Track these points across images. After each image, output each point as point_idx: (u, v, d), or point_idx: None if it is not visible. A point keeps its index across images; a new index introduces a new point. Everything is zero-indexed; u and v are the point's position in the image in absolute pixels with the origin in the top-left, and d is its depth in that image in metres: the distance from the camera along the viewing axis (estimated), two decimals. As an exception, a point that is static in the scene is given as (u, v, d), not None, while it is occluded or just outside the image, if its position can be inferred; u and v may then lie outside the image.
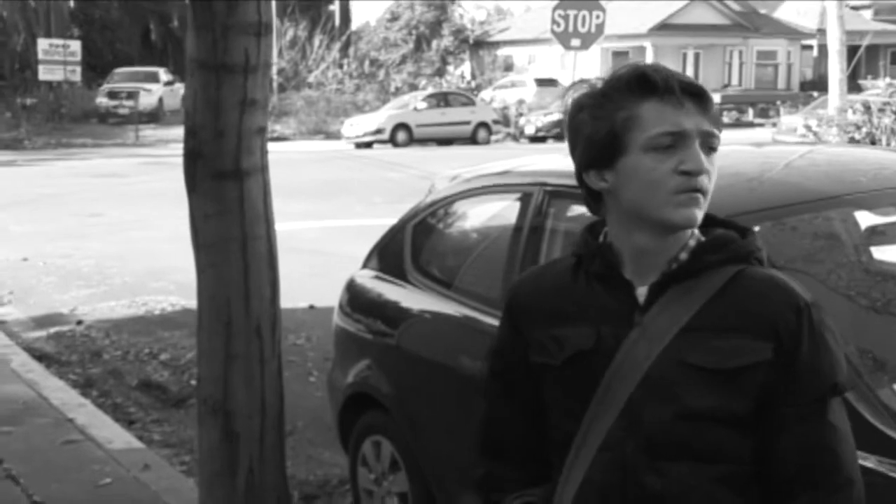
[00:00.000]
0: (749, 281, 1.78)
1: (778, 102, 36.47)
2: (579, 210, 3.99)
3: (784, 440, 1.74)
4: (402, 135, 30.73)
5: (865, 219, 3.41)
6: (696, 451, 1.74)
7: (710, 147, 1.76)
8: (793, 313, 1.75)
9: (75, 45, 33.98)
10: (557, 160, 5.05)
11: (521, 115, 33.93)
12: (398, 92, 38.25)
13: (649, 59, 42.19)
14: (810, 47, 45.49)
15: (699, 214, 1.75)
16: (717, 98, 39.43)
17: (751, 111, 38.78)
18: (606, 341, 1.79)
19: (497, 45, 46.34)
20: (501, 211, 4.35)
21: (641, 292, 1.80)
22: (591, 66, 39.15)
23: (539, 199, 3.73)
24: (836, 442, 1.76)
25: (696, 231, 1.81)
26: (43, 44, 33.86)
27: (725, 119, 38.12)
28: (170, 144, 28.62)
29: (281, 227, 4.10)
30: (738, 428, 1.74)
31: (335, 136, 32.27)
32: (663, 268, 1.79)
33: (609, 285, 1.82)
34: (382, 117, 31.15)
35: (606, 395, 1.76)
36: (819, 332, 1.76)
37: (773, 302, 1.76)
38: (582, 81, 1.89)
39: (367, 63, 42.36)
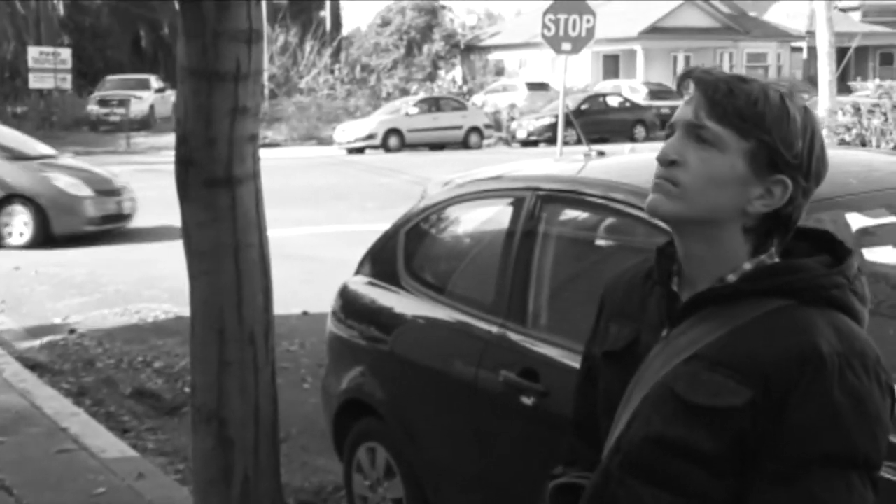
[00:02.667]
0: (781, 320, 1.59)
1: (769, 104, 36.42)
2: (572, 214, 4.01)
3: (754, 497, 1.57)
4: (394, 140, 30.74)
5: (856, 220, 3.42)
6: (659, 478, 1.64)
7: (698, 137, 1.63)
8: (795, 363, 1.54)
9: (66, 53, 33.95)
10: (549, 165, 5.07)
11: (512, 119, 33.96)
12: (390, 97, 38.28)
13: (639, 62, 42.30)
14: (800, 49, 45.63)
15: (662, 203, 1.64)
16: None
17: (742, 113, 38.81)
18: (641, 347, 1.74)
19: (488, 49, 46.39)
20: (494, 216, 4.35)
21: None
22: (582, 69, 39.23)
23: (532, 203, 3.73)
24: None
25: (765, 256, 1.66)
26: (33, 52, 33.81)
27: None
28: (161, 152, 28.57)
29: (274, 233, 4.10)
30: (707, 467, 1.60)
31: (327, 141, 32.26)
32: (709, 285, 1.67)
33: (662, 292, 1.75)
34: (374, 122, 31.15)
35: (628, 401, 1.73)
36: (828, 393, 1.52)
37: (778, 346, 1.57)
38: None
39: (358, 68, 42.38)
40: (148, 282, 10.46)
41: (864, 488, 1.54)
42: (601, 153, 4.29)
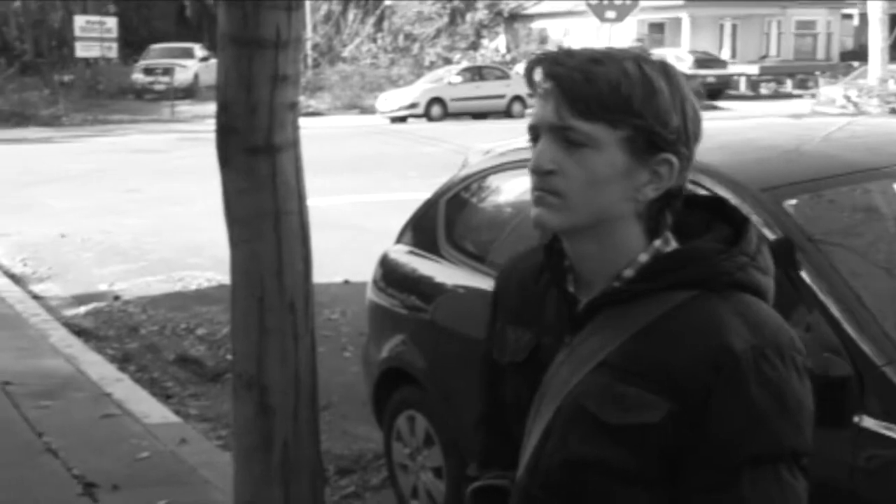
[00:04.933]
0: (688, 316, 1.48)
1: (817, 73, 35.95)
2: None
3: None
4: (437, 109, 30.66)
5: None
6: (585, 499, 1.53)
7: (567, 140, 1.48)
8: (709, 369, 1.44)
9: (112, 22, 34.10)
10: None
11: (556, 88, 33.73)
12: (432, 66, 38.13)
13: (685, 30, 41.79)
14: (851, 16, 44.83)
15: (549, 217, 1.49)
16: (754, 69, 39.22)
17: (789, 82, 38.30)
18: (544, 353, 1.60)
19: (532, 17, 46.04)
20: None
21: None
22: (627, 38, 38.84)
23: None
24: None
25: (660, 242, 1.54)
26: (80, 21, 34.01)
27: (763, 91, 37.80)
28: (205, 120, 28.71)
29: (316, 202, 4.10)
30: (635, 484, 1.49)
31: (370, 110, 32.26)
32: (605, 283, 1.54)
33: (557, 293, 1.61)
34: (417, 91, 31.08)
35: (537, 414, 1.59)
36: (746, 392, 1.43)
37: (687, 349, 1.46)
38: None
39: (401, 37, 42.22)
40: (191, 250, 10.54)
41: (795, 479, 1.46)
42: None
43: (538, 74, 1.51)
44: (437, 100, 30.86)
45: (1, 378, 6.11)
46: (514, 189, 4.55)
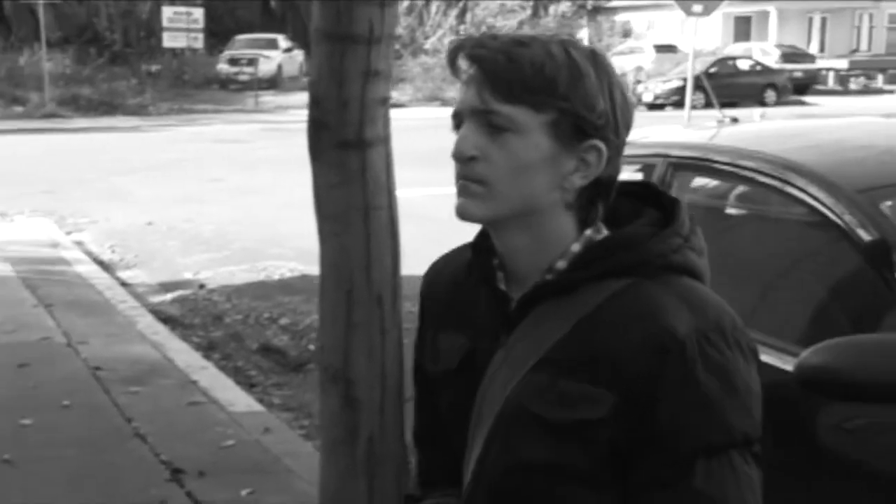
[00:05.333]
0: (626, 303, 1.41)
1: (909, 68, 35.16)
2: (703, 182, 3.92)
3: None
4: (519, 102, 30.58)
5: None
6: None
7: (490, 125, 1.42)
8: (653, 354, 1.36)
9: (198, 13, 34.63)
10: (680, 131, 4.96)
11: (638, 81, 33.47)
12: (514, 58, 38.06)
13: (773, 24, 41.11)
14: (945, 10, 43.73)
15: (473, 207, 1.45)
16: (843, 64, 38.44)
17: (880, 77, 37.50)
18: (479, 357, 1.53)
19: (615, 10, 45.70)
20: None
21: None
22: (712, 31, 38.35)
23: (662, 170, 3.66)
24: None
25: (591, 231, 1.47)
26: (167, 11, 34.59)
27: (853, 86, 37.01)
28: (289, 111, 29.06)
29: (400, 194, 4.09)
30: (585, 484, 1.42)
31: (451, 102, 32.17)
32: (538, 277, 1.47)
33: (487, 292, 1.54)
34: (498, 84, 31.03)
35: (478, 421, 1.51)
36: (694, 378, 1.36)
37: (629, 337, 1.38)
38: None
39: (483, 29, 42.20)
40: (273, 240, 10.65)
41: (748, 466, 1.39)
42: (734, 119, 4.18)
43: (461, 59, 1.46)
44: (518, 93, 30.77)
45: (92, 363, 6.26)
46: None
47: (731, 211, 3.86)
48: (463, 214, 1.47)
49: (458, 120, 1.48)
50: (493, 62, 1.41)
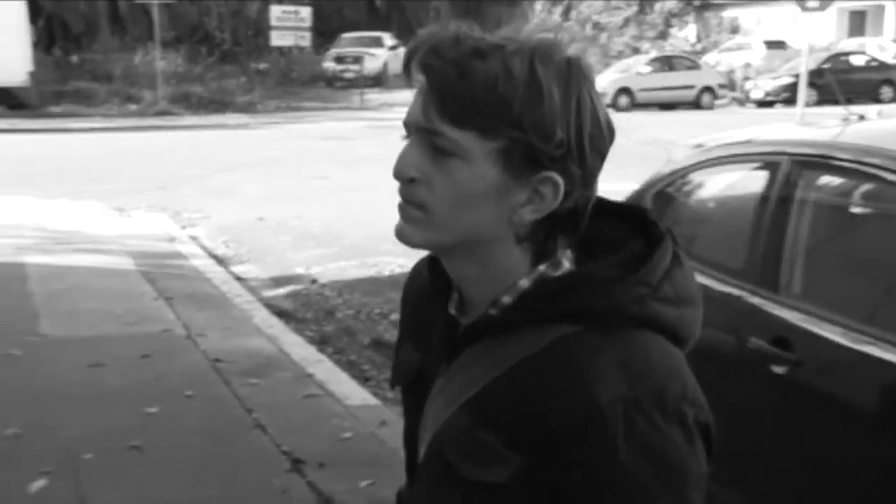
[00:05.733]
0: (558, 357, 1.24)
1: None
2: (828, 180, 3.87)
3: None
4: (624, 99, 30.38)
5: None
6: None
7: (434, 147, 1.25)
8: (570, 422, 1.19)
9: (305, 12, 35.12)
10: (804, 129, 4.90)
11: (747, 78, 32.91)
12: (620, 55, 37.78)
13: (889, 19, 40.04)
14: None
15: (410, 232, 1.28)
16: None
17: None
18: (427, 378, 1.41)
19: (723, 6, 44.98)
20: (738, 180, 4.27)
21: None
22: (826, 27, 37.52)
23: (787, 168, 3.63)
24: None
25: (546, 266, 1.30)
26: (276, 10, 35.15)
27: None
28: (393, 108, 29.30)
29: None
30: None
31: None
32: (483, 308, 1.32)
33: (441, 315, 1.40)
34: (605, 81, 30.81)
35: (422, 446, 1.41)
36: (614, 454, 1.18)
37: (548, 398, 1.21)
38: None
39: (588, 26, 41.98)
40: (382, 236, 10.74)
41: None
42: (861, 117, 4.11)
43: (414, 65, 1.26)
44: (624, 90, 30.58)
45: (212, 355, 6.43)
46: (716, 184, 4.49)
47: (856, 209, 3.81)
48: (401, 238, 1.31)
49: (406, 131, 1.30)
50: (443, 75, 1.22)
